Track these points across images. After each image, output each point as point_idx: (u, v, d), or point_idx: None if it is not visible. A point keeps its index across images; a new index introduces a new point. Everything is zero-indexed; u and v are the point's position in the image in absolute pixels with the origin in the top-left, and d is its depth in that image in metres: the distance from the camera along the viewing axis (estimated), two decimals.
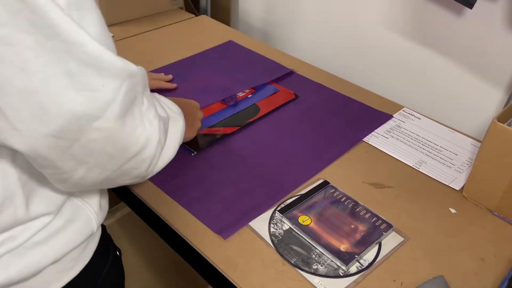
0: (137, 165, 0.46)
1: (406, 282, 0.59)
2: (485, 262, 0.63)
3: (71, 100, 0.37)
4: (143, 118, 0.44)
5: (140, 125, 0.44)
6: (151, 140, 0.46)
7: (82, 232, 0.53)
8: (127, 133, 0.42)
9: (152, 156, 0.47)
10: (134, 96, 0.42)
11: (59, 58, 0.36)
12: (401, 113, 0.94)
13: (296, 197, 0.71)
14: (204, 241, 0.64)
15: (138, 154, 0.45)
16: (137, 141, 0.44)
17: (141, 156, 0.45)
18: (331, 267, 0.60)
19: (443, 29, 0.96)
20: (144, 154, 0.46)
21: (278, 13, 1.34)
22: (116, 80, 0.39)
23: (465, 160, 0.81)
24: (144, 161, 0.46)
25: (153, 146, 0.46)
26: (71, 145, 0.39)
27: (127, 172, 0.46)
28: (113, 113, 0.40)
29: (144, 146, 0.45)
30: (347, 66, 1.20)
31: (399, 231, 0.67)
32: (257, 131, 0.85)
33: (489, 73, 0.93)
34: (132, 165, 0.46)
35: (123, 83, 0.40)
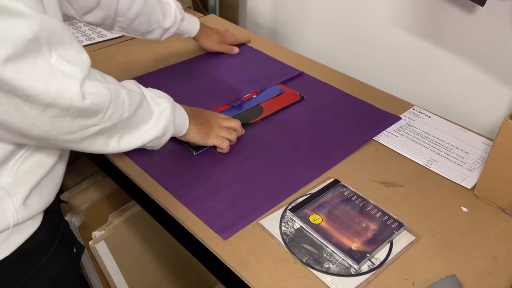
0: (62, 112, 0.48)
1: (418, 281, 0.59)
2: (498, 261, 0.63)
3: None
4: (51, 69, 0.46)
5: (47, 75, 0.45)
6: (67, 88, 0.47)
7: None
8: (28, 78, 0.44)
9: (78, 106, 0.48)
10: (35, 44, 0.44)
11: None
12: (411, 111, 0.93)
13: (306, 196, 0.71)
14: (215, 239, 0.64)
15: (55, 102, 0.46)
16: (46, 89, 0.45)
17: (61, 104, 0.47)
18: (343, 265, 0.60)
19: (453, 27, 0.96)
20: (63, 101, 0.47)
21: (286, 11, 1.34)
22: (4, 21, 0.41)
23: (476, 159, 0.81)
24: (67, 109, 0.48)
25: (72, 94, 0.47)
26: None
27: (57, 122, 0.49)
28: (5, 53, 0.41)
29: (59, 93, 0.46)
30: (356, 65, 1.19)
31: (410, 230, 0.66)
32: (261, 131, 0.85)
33: (501, 71, 0.92)
34: (57, 113, 0.48)
35: (14, 25, 0.42)
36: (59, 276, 0.65)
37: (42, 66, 0.45)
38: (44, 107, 0.46)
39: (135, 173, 0.75)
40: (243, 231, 0.65)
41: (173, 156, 0.78)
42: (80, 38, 1.15)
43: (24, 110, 0.46)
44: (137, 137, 0.61)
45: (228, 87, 0.98)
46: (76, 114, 0.50)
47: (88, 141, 0.55)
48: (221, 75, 1.03)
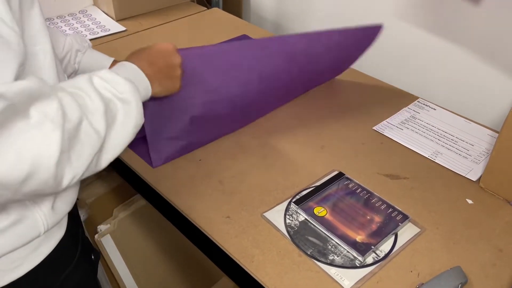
0: (41, 186, 0.41)
1: (423, 272, 0.59)
2: (503, 252, 0.62)
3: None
4: (30, 132, 0.39)
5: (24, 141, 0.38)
6: (42, 159, 0.39)
7: (25, 235, 0.51)
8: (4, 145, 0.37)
9: (53, 176, 0.41)
10: (11, 113, 0.37)
11: None
12: (416, 104, 0.93)
13: (311, 189, 0.71)
14: (221, 232, 0.64)
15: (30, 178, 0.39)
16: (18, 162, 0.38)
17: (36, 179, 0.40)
18: (347, 258, 0.61)
19: (458, 18, 0.95)
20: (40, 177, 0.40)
21: (290, 4, 1.33)
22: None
23: (481, 151, 0.80)
24: (47, 181, 0.41)
25: (50, 164, 0.40)
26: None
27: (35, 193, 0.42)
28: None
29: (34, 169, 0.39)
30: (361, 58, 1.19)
31: (415, 222, 0.66)
32: None
33: (506, 62, 0.91)
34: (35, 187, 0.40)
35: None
36: (81, 285, 0.64)
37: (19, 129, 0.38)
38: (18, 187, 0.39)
39: (140, 167, 0.75)
40: (247, 224, 0.65)
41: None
42: (84, 33, 1.15)
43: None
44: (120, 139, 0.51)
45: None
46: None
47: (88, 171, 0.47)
48: None
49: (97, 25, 1.19)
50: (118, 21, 1.22)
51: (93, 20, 1.22)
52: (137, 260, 1.15)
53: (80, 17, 1.24)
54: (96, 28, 1.18)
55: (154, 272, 1.20)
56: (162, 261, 1.21)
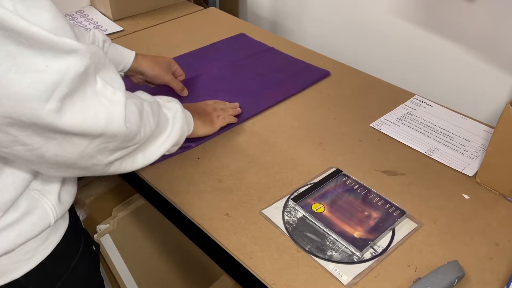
0: (109, 139, 0.47)
1: (420, 267, 0.60)
2: (500, 246, 0.63)
3: (16, 82, 0.38)
4: (98, 96, 0.45)
5: (96, 103, 0.44)
6: (114, 115, 0.46)
7: (37, 224, 0.53)
8: (79, 114, 0.43)
9: (124, 132, 0.48)
10: (85, 76, 0.43)
11: (1, 42, 0.37)
12: (412, 100, 0.93)
13: (309, 186, 0.71)
14: (219, 229, 0.65)
15: (105, 131, 0.46)
16: (96, 119, 0.44)
17: (109, 132, 0.46)
18: (345, 253, 0.61)
19: (454, 15, 0.95)
20: (112, 130, 0.46)
21: (286, 3, 1.33)
22: (61, 61, 0.40)
23: (478, 146, 0.81)
24: (115, 136, 0.47)
25: (119, 121, 0.47)
26: (30, 126, 0.40)
27: (102, 148, 0.47)
28: (62, 94, 0.40)
29: (108, 122, 0.46)
30: (357, 55, 1.19)
31: (412, 217, 0.67)
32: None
33: (501, 58, 0.92)
34: (104, 140, 0.47)
35: (70, 63, 0.40)
36: (87, 276, 0.66)
37: (90, 97, 0.44)
38: (94, 137, 0.46)
39: None
40: (246, 221, 0.66)
41: None
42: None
43: (75, 141, 0.45)
44: (158, 146, 0.60)
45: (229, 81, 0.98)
46: (121, 139, 0.49)
47: (125, 162, 0.55)
48: (224, 68, 1.03)
49: (94, 25, 1.20)
50: (115, 21, 1.22)
51: (90, 20, 1.22)
52: (137, 259, 1.15)
53: (77, 17, 1.24)
54: (93, 28, 1.18)
55: (154, 271, 1.20)
56: (161, 260, 1.21)
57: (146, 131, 0.54)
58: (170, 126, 0.62)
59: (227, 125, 0.83)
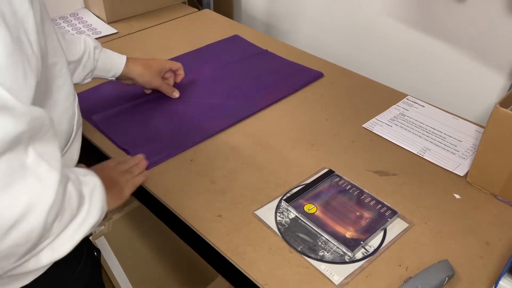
0: (23, 240, 0.36)
1: (411, 266, 0.60)
2: (490, 245, 0.64)
3: None
4: (26, 173, 0.36)
5: (20, 182, 0.35)
6: (39, 202, 0.36)
7: None
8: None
9: (41, 229, 0.37)
10: (14, 144, 0.34)
11: None
12: (405, 101, 0.94)
13: (301, 187, 0.72)
14: (212, 230, 0.65)
15: (20, 222, 0.35)
16: (13, 203, 0.34)
17: (23, 226, 0.35)
18: (337, 253, 0.62)
19: (445, 16, 0.96)
20: (28, 223, 0.35)
21: (280, 5, 1.34)
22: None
23: (469, 147, 0.82)
24: (29, 235, 0.36)
25: (42, 212, 0.36)
26: None
27: (10, 253, 0.36)
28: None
29: (28, 210, 0.35)
30: (351, 56, 1.20)
31: (404, 217, 0.68)
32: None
33: (492, 59, 0.93)
34: (17, 240, 0.35)
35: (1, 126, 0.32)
36: (92, 280, 0.66)
37: (15, 172, 0.35)
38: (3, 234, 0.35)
39: None
40: (239, 222, 0.66)
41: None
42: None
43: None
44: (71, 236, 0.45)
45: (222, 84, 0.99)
46: (36, 239, 0.38)
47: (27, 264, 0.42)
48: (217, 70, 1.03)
49: (89, 28, 1.20)
50: (110, 24, 1.22)
51: (84, 23, 1.23)
52: (132, 261, 1.15)
53: (72, 20, 1.24)
54: (88, 30, 1.18)
55: (149, 273, 1.20)
56: (157, 262, 1.21)
57: (63, 220, 0.42)
58: (87, 206, 0.47)
59: (219, 127, 0.84)
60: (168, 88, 0.92)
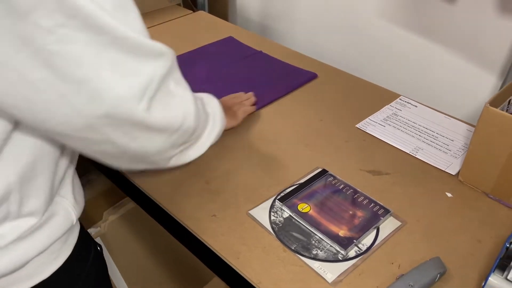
0: (183, 134, 0.53)
1: (404, 264, 0.61)
2: (482, 243, 0.65)
3: (117, 86, 0.42)
4: (174, 95, 0.49)
5: (173, 101, 0.49)
6: (188, 112, 0.52)
7: (62, 224, 0.56)
8: (161, 113, 0.47)
9: (193, 127, 0.54)
10: (166, 77, 0.47)
11: (107, 50, 0.40)
12: (398, 101, 0.95)
13: (295, 186, 0.72)
14: (207, 230, 0.66)
15: (182, 126, 0.51)
16: (176, 115, 0.50)
17: (185, 127, 0.52)
18: (331, 252, 0.62)
19: (436, 17, 0.97)
20: (187, 124, 0.52)
21: (275, 7, 1.35)
22: (151, 64, 0.44)
23: (461, 146, 0.83)
24: (187, 131, 0.53)
25: (192, 117, 0.52)
26: (123, 125, 0.45)
27: (174, 143, 0.53)
28: (151, 94, 0.44)
29: (185, 117, 0.51)
30: (345, 57, 1.21)
31: (396, 216, 0.68)
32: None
33: (483, 58, 0.94)
34: (179, 135, 0.52)
35: (157, 66, 0.45)
36: (101, 275, 0.69)
37: (169, 95, 0.48)
38: (172, 132, 0.50)
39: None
40: (233, 222, 0.67)
41: None
42: None
43: (156, 138, 0.49)
44: (205, 140, 0.62)
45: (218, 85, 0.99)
46: (189, 134, 0.54)
47: (182, 156, 0.59)
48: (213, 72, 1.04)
49: None
50: None
51: None
52: (128, 262, 1.16)
53: None
54: None
55: (146, 274, 1.21)
56: (153, 263, 1.22)
57: (201, 125, 0.59)
58: (212, 121, 0.65)
59: None
60: None
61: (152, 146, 0.50)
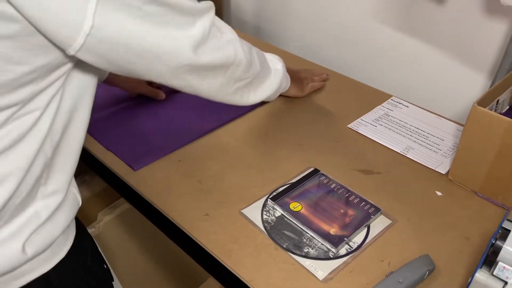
0: (236, 68, 0.65)
1: (393, 261, 0.62)
2: (470, 240, 0.66)
3: (181, 42, 0.53)
4: (222, 36, 0.60)
5: (223, 42, 0.60)
6: (237, 48, 0.63)
7: (73, 206, 0.60)
8: (218, 50, 0.59)
9: (245, 62, 0.66)
10: (213, 25, 0.57)
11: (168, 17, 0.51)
12: (389, 102, 0.96)
13: (287, 185, 0.73)
14: (199, 229, 0.66)
15: (235, 61, 0.63)
16: (228, 52, 0.61)
17: (237, 61, 0.64)
18: (322, 250, 0.63)
19: (426, 18, 0.98)
20: (238, 59, 0.64)
21: (270, 8, 1.36)
22: (201, 21, 0.55)
23: (451, 145, 0.84)
24: (239, 65, 0.65)
25: (241, 52, 0.64)
26: (194, 70, 0.58)
27: (231, 77, 0.65)
28: (205, 41, 0.56)
29: (236, 53, 0.63)
30: (338, 58, 1.22)
31: (387, 214, 0.69)
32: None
33: (473, 59, 0.95)
34: (233, 69, 0.64)
35: (205, 21, 0.55)
36: (102, 271, 0.70)
37: (219, 38, 0.59)
38: (228, 66, 0.63)
39: (122, 170, 0.77)
40: (226, 221, 0.67)
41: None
42: None
43: (217, 73, 0.62)
44: (263, 89, 0.76)
45: None
46: (243, 69, 0.66)
47: (245, 95, 0.72)
48: None
49: None
50: None
51: None
52: (123, 263, 1.16)
53: None
54: None
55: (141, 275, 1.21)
56: (148, 264, 1.22)
57: (255, 69, 0.70)
58: (272, 76, 0.78)
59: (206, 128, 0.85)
60: (153, 92, 0.94)
61: (215, 81, 0.63)
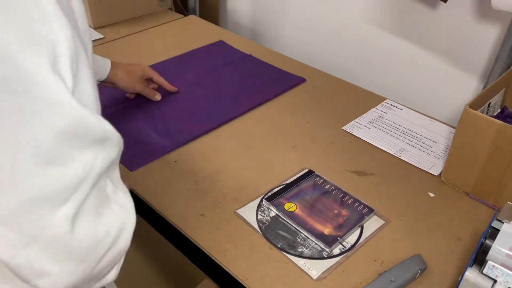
0: (113, 260, 0.37)
1: (386, 261, 0.63)
2: (462, 241, 0.67)
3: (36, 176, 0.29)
4: (110, 201, 0.36)
5: (108, 211, 0.35)
6: (126, 229, 0.37)
7: None
8: (94, 223, 0.33)
9: (126, 248, 0.38)
10: (105, 173, 0.34)
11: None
12: (383, 104, 0.97)
13: (282, 186, 0.74)
14: (195, 228, 0.67)
15: (112, 247, 0.36)
16: (107, 232, 0.35)
17: (115, 249, 0.36)
18: (316, 249, 0.64)
19: (420, 22, 1.00)
20: (119, 246, 0.37)
21: (266, 12, 1.37)
22: (91, 151, 0.31)
23: (443, 147, 0.85)
24: (119, 254, 0.38)
25: (129, 232, 0.38)
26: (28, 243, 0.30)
27: (100, 273, 0.37)
28: (82, 195, 0.31)
29: (118, 235, 0.36)
30: (332, 61, 1.23)
31: (380, 214, 0.70)
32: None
33: (465, 62, 0.97)
34: (108, 262, 0.37)
35: (98, 155, 0.32)
36: None
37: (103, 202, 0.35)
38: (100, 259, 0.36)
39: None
40: (221, 220, 0.68)
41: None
42: None
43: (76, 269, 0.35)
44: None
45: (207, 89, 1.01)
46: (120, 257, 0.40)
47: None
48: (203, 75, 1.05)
49: None
50: (96, 29, 1.24)
51: None
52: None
53: None
54: None
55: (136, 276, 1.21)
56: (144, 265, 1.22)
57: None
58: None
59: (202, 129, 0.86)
60: (150, 92, 0.94)
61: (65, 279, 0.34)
